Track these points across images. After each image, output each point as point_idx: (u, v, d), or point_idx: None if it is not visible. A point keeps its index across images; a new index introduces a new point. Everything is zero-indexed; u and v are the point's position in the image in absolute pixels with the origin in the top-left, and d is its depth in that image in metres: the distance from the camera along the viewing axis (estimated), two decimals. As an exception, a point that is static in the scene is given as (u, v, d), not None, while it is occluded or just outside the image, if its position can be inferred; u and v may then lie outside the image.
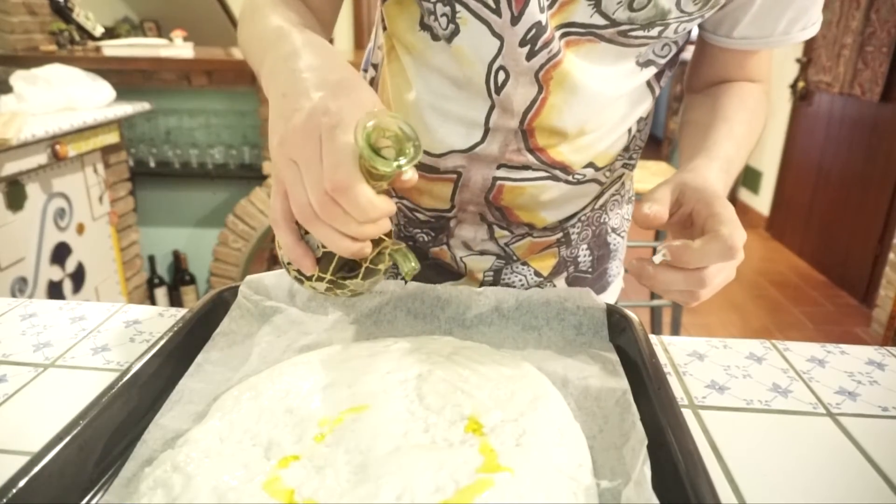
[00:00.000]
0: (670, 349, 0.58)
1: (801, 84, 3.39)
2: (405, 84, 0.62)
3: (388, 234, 0.44)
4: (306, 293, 0.56)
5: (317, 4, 0.61)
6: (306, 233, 0.44)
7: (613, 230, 0.76)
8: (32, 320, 0.60)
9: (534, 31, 0.53)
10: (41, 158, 1.68)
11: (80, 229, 1.94)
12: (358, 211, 0.38)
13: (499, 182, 0.64)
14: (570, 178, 0.64)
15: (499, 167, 0.63)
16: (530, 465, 0.37)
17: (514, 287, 0.70)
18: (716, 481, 0.41)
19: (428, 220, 0.69)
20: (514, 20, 0.52)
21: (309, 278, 0.45)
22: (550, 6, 0.52)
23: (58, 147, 1.71)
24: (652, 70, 0.60)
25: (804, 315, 2.77)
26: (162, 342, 0.47)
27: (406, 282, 0.54)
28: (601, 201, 0.72)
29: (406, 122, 0.38)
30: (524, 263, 0.72)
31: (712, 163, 0.54)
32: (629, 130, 0.66)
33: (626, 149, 0.67)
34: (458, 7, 0.53)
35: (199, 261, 2.65)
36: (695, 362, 0.56)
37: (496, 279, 0.72)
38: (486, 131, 0.61)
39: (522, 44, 0.54)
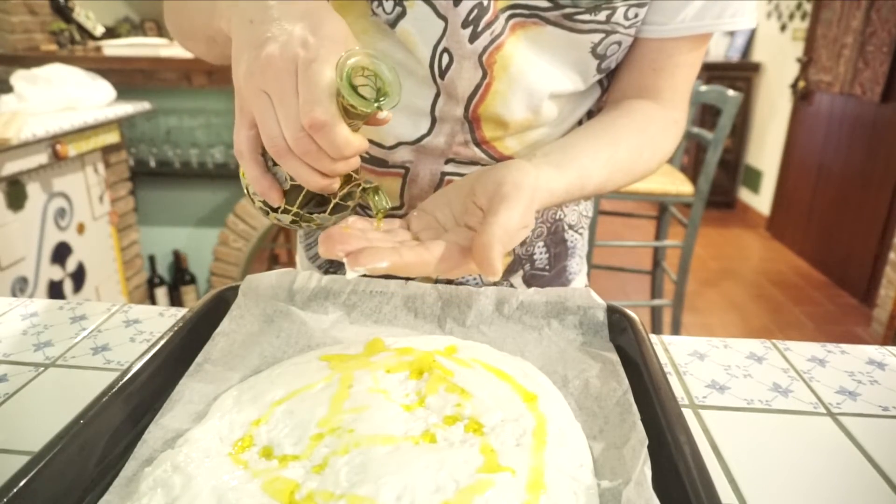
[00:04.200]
0: (670, 349, 0.58)
1: (801, 83, 3.39)
2: None
3: (357, 171, 0.44)
4: (306, 293, 0.56)
5: None
6: (274, 164, 0.43)
7: (570, 227, 0.75)
8: (33, 320, 0.60)
9: (476, 10, 0.53)
10: (41, 158, 1.68)
11: (81, 229, 1.94)
12: (333, 148, 0.38)
13: (447, 177, 0.64)
14: None
15: (447, 162, 0.63)
16: (531, 466, 0.37)
17: (469, 286, 0.70)
18: (716, 481, 0.41)
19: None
20: (456, 1, 0.53)
21: (275, 210, 0.44)
22: None
23: (58, 147, 1.71)
24: (608, 64, 0.60)
25: (805, 315, 2.77)
26: (162, 342, 0.47)
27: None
28: None
29: (386, 62, 0.38)
30: None
31: (560, 173, 0.50)
32: (580, 123, 0.66)
33: None
34: None
35: (199, 260, 2.65)
36: (695, 362, 0.56)
37: (450, 279, 0.72)
38: (433, 121, 0.61)
39: (465, 24, 0.54)
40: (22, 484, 0.33)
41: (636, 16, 0.56)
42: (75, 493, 0.36)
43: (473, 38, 0.55)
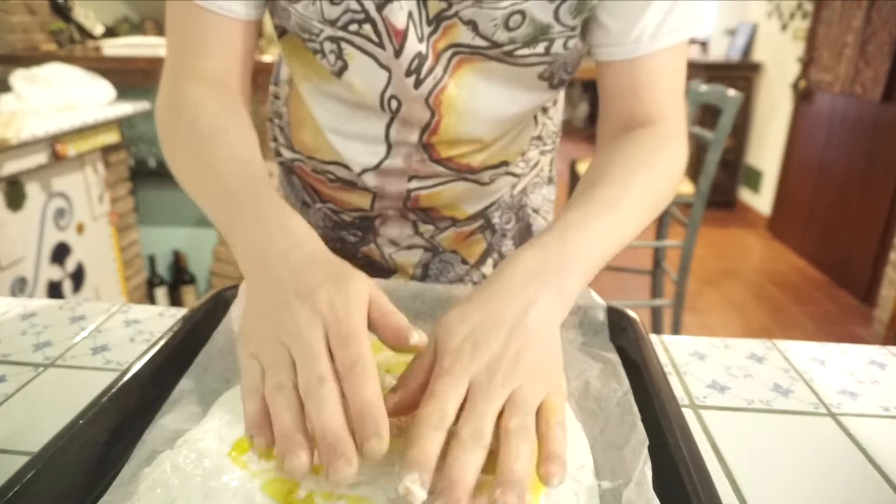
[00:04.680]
0: (671, 349, 0.58)
1: (802, 83, 3.39)
2: (305, 111, 0.65)
3: None
4: None
5: (236, 83, 0.57)
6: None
7: (535, 211, 0.78)
8: (32, 320, 0.60)
9: (416, 60, 0.55)
10: (41, 158, 1.68)
11: (80, 229, 1.94)
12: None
13: (414, 193, 0.67)
14: (481, 176, 0.67)
15: (410, 179, 0.66)
16: (532, 466, 0.37)
17: (445, 277, 0.72)
18: (716, 481, 0.41)
19: (353, 220, 0.72)
20: (397, 53, 0.54)
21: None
22: (434, 32, 0.53)
23: (58, 147, 1.71)
24: (560, 80, 0.59)
25: (805, 315, 2.77)
26: (162, 342, 0.47)
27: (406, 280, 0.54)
28: (520, 187, 0.74)
29: None
30: (452, 252, 0.75)
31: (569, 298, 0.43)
32: (535, 119, 0.68)
33: (539, 137, 0.69)
34: (343, 44, 0.55)
35: (199, 260, 2.65)
36: (695, 362, 0.56)
37: (425, 272, 0.75)
38: (389, 146, 0.63)
39: (408, 73, 0.55)
40: (21, 485, 0.33)
41: (575, 45, 0.55)
42: (74, 493, 0.36)
43: (418, 84, 0.56)
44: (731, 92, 1.99)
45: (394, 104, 0.58)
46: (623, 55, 0.54)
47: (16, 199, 1.64)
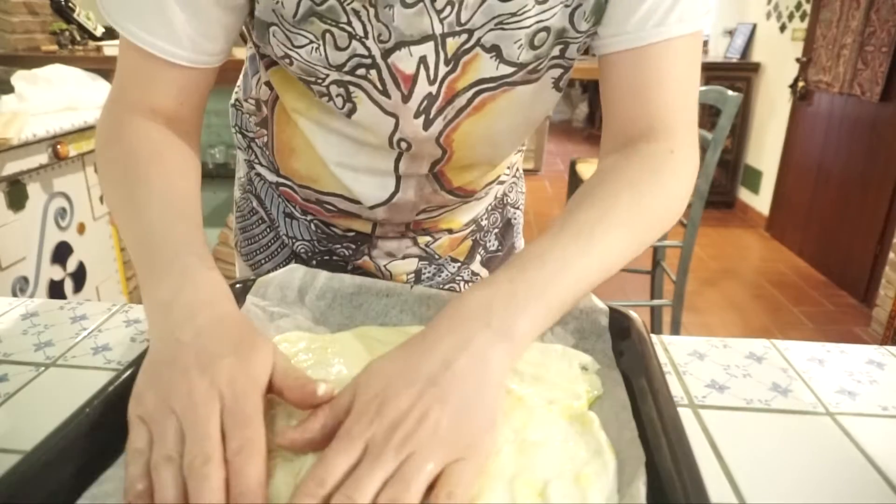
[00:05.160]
0: (670, 349, 0.58)
1: (800, 84, 3.39)
2: (300, 140, 0.61)
3: None
4: (315, 291, 0.55)
5: (186, 117, 0.53)
6: None
7: (511, 205, 0.80)
8: (33, 319, 0.60)
9: (426, 101, 0.52)
10: (42, 158, 1.68)
11: (81, 229, 1.94)
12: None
13: (418, 220, 0.67)
14: (479, 193, 0.68)
15: (419, 213, 0.65)
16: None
17: (439, 276, 0.73)
18: (716, 481, 0.41)
19: (346, 233, 0.70)
20: (405, 98, 0.52)
21: None
22: (452, 71, 0.50)
23: (59, 147, 1.71)
24: (565, 83, 0.57)
25: (804, 315, 2.77)
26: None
27: (412, 286, 0.54)
28: (503, 190, 0.77)
29: None
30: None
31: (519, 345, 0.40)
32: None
33: (523, 143, 0.72)
34: (352, 87, 0.52)
35: (199, 260, 2.64)
36: (695, 362, 0.56)
37: (418, 277, 0.75)
38: (398, 179, 0.60)
39: (417, 115, 0.53)
40: (9, 484, 0.33)
41: (587, 46, 0.53)
42: (63, 494, 0.36)
43: (427, 125, 0.54)
44: (731, 92, 1.99)
45: (403, 145, 0.56)
46: (625, 45, 0.48)
47: (17, 199, 1.64)
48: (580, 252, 0.42)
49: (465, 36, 0.48)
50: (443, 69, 0.50)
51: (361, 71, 0.50)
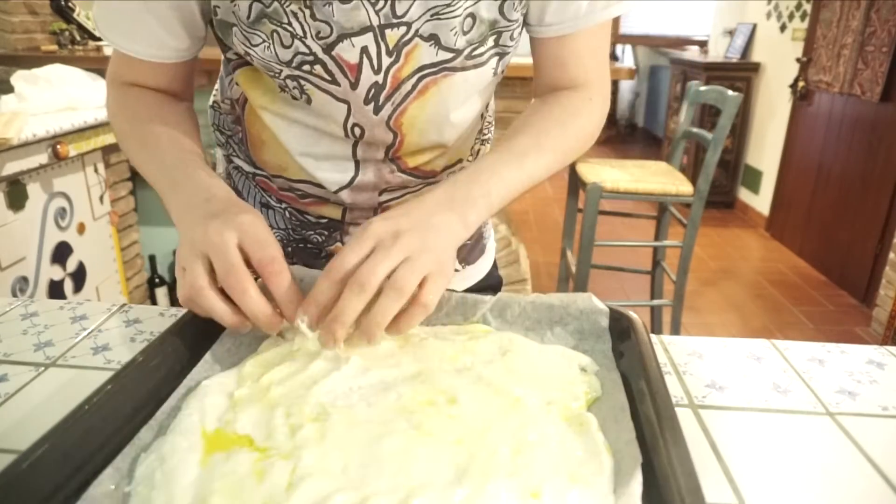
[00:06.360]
0: (670, 349, 0.58)
1: (801, 84, 3.39)
2: (267, 133, 0.67)
3: None
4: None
5: (176, 88, 0.66)
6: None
7: None
8: (33, 319, 0.60)
9: (373, 90, 0.58)
10: (42, 158, 1.68)
11: (81, 229, 1.94)
12: None
13: (382, 206, 0.71)
14: (441, 177, 0.72)
15: (381, 193, 0.69)
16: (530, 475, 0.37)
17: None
18: (716, 481, 0.41)
19: (319, 220, 0.74)
20: (353, 85, 0.58)
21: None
22: (395, 62, 0.56)
23: (58, 147, 1.71)
24: (504, 61, 0.63)
25: (804, 315, 2.77)
26: (162, 342, 0.47)
27: None
28: None
29: None
30: None
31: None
32: (482, 117, 0.72)
33: (481, 130, 0.74)
34: (303, 81, 0.58)
35: (199, 260, 2.65)
36: (695, 362, 0.56)
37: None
38: (357, 163, 0.66)
39: (367, 101, 0.59)
40: (17, 472, 0.33)
41: (521, 34, 0.60)
42: (60, 494, 0.36)
43: (377, 110, 0.60)
44: (731, 92, 1.99)
45: (357, 131, 0.62)
46: (560, 32, 0.60)
47: (17, 199, 1.64)
48: (517, 169, 0.57)
49: (403, 28, 0.54)
50: (386, 60, 0.56)
51: (307, 67, 0.56)
